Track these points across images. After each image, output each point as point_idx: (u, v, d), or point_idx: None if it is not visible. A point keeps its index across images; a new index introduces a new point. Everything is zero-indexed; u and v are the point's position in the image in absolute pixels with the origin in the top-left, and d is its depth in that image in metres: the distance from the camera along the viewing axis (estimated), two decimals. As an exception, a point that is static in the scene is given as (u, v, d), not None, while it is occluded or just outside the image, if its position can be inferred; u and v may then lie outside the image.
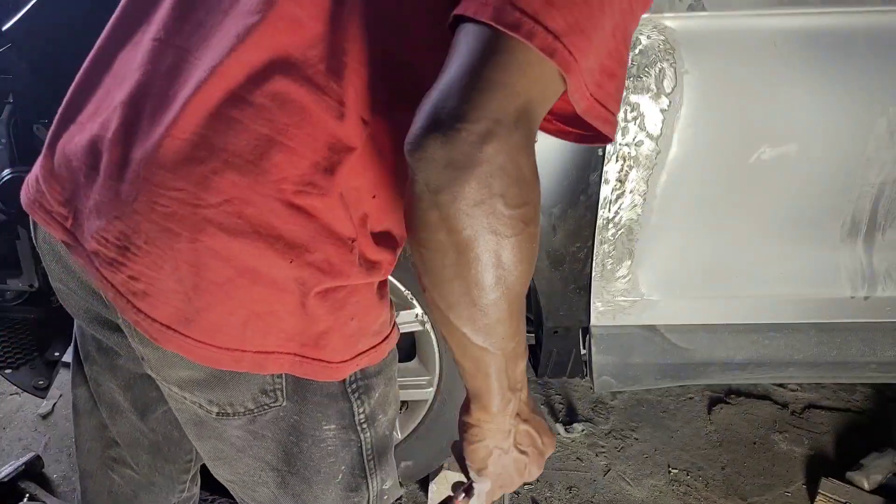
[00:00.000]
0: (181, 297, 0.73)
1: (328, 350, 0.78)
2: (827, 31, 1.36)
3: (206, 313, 0.73)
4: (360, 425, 0.86)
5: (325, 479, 0.87)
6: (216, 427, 0.83)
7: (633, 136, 1.40)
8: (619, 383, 1.67)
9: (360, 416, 0.85)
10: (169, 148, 0.72)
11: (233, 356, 0.75)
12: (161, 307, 0.73)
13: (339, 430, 0.85)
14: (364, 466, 0.90)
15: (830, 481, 1.93)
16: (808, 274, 1.57)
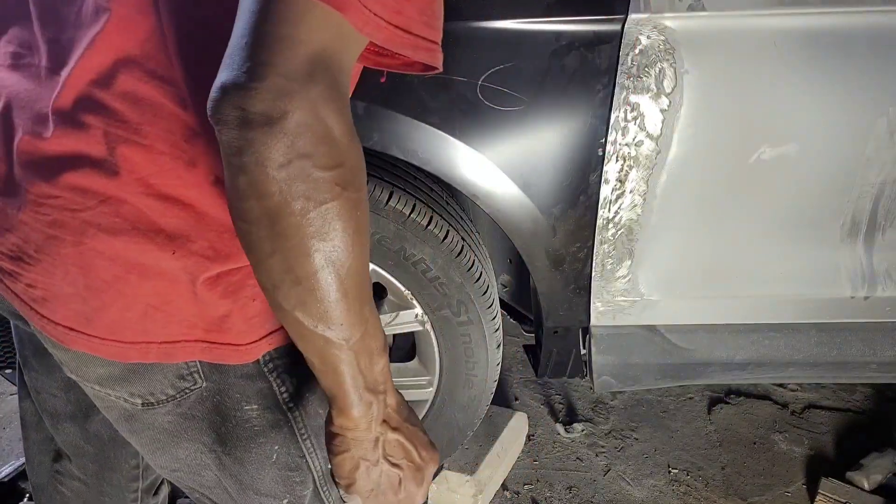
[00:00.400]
0: (77, 299, 0.74)
1: (233, 333, 0.77)
2: (827, 31, 1.36)
3: (103, 312, 0.74)
4: (286, 405, 0.85)
5: (259, 460, 0.86)
6: (145, 418, 0.83)
7: (633, 136, 1.40)
8: (619, 383, 1.67)
9: (283, 396, 0.84)
10: (42, 157, 0.73)
11: (138, 349, 0.75)
12: (61, 310, 0.74)
13: (262, 410, 0.84)
14: (300, 445, 0.88)
15: (830, 481, 1.93)
16: (808, 274, 1.57)
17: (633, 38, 1.34)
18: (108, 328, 0.75)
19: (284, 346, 0.83)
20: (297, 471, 0.89)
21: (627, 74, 1.35)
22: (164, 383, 0.80)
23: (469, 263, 1.53)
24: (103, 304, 0.74)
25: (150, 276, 0.73)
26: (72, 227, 0.72)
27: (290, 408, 0.85)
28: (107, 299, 0.74)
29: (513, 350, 2.45)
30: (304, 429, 0.88)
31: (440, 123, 1.35)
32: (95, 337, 0.75)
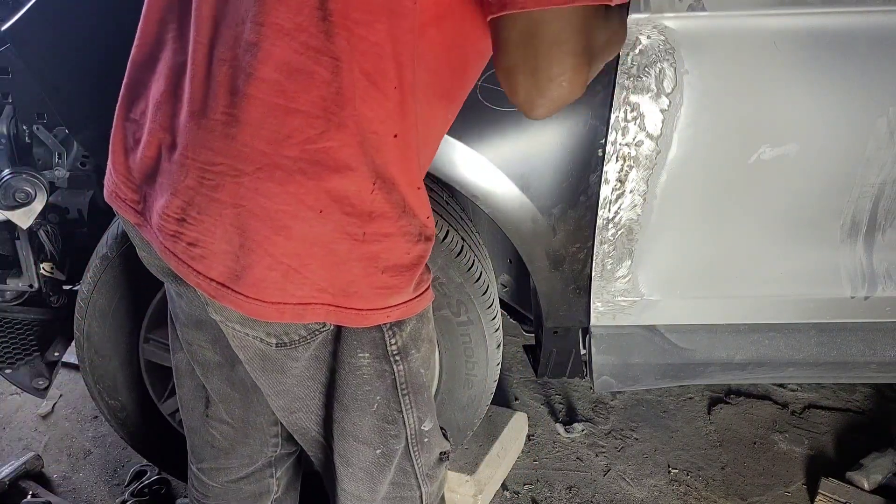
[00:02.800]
0: (231, 257, 0.84)
1: (357, 298, 0.87)
2: (827, 31, 1.36)
3: (250, 270, 0.84)
4: (393, 357, 0.94)
5: (362, 407, 0.96)
6: (277, 359, 0.93)
7: (633, 136, 1.40)
8: (619, 383, 1.67)
9: (392, 348, 0.93)
10: (206, 129, 0.83)
11: (276, 309, 0.85)
12: (216, 267, 0.85)
13: (372, 360, 0.93)
14: (399, 399, 0.97)
15: (830, 481, 1.93)
16: (808, 274, 1.57)
17: (633, 37, 1.33)
18: (253, 286, 0.84)
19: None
20: (393, 424, 0.98)
21: (627, 74, 1.35)
22: (298, 326, 0.90)
23: (469, 263, 1.53)
24: (251, 263, 0.83)
25: (295, 237, 0.82)
26: (232, 190, 0.82)
27: (396, 360, 0.94)
28: (255, 258, 0.83)
29: (513, 350, 2.45)
30: (405, 384, 0.97)
31: (440, 123, 1.35)
32: (241, 294, 0.85)
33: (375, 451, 1.00)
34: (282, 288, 0.84)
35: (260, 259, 0.83)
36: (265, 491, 1.29)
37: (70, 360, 1.93)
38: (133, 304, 1.58)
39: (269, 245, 0.83)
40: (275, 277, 0.84)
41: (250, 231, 0.82)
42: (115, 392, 1.69)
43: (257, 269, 0.83)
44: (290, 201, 0.81)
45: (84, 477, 2.07)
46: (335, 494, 1.08)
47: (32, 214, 1.50)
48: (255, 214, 0.82)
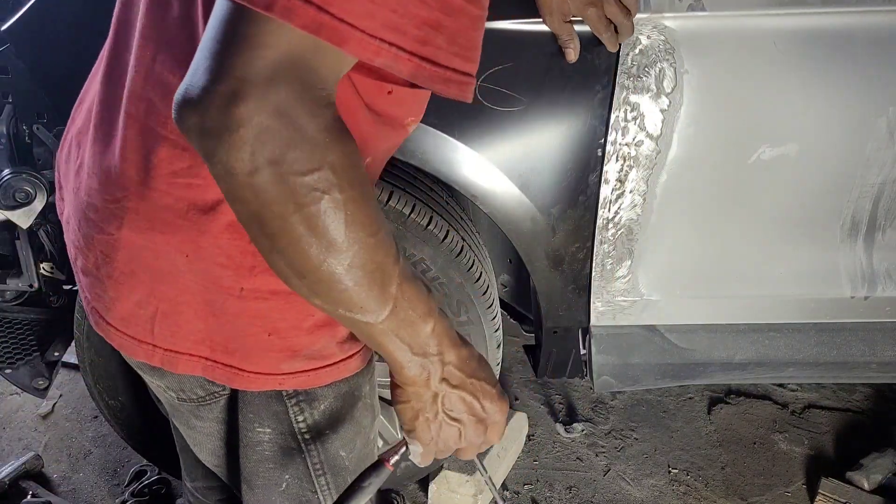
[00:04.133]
0: (100, 284, 0.76)
1: (240, 357, 0.75)
2: (827, 31, 1.36)
3: (119, 302, 0.76)
4: (302, 435, 0.82)
5: (266, 485, 0.84)
6: (183, 412, 0.86)
7: (633, 136, 1.40)
8: (619, 383, 1.67)
9: (299, 425, 0.81)
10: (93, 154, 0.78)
11: (144, 349, 0.76)
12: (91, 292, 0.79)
13: (275, 436, 0.81)
14: (313, 481, 0.85)
15: (830, 481, 1.93)
16: (808, 274, 1.57)
17: (633, 37, 1.33)
18: (121, 320, 0.76)
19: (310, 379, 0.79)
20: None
21: (627, 74, 1.35)
22: (193, 383, 0.81)
23: (469, 263, 1.53)
24: (119, 296, 0.75)
25: (164, 280, 0.73)
26: (104, 216, 0.74)
27: (306, 440, 0.82)
28: (123, 291, 0.75)
29: (513, 350, 2.45)
30: (319, 465, 0.85)
31: (439, 124, 1.35)
32: (111, 325, 0.77)
33: None
34: (150, 330, 0.76)
35: (128, 293, 0.75)
36: None
37: (70, 360, 1.93)
38: (133, 304, 1.58)
39: (136, 281, 0.74)
40: (143, 316, 0.75)
41: (117, 262, 0.74)
42: (115, 392, 1.69)
43: (126, 304, 0.76)
44: (155, 239, 0.72)
45: (84, 477, 2.07)
46: None
47: (32, 214, 1.50)
48: (121, 248, 0.73)
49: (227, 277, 0.72)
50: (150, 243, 0.72)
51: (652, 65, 1.35)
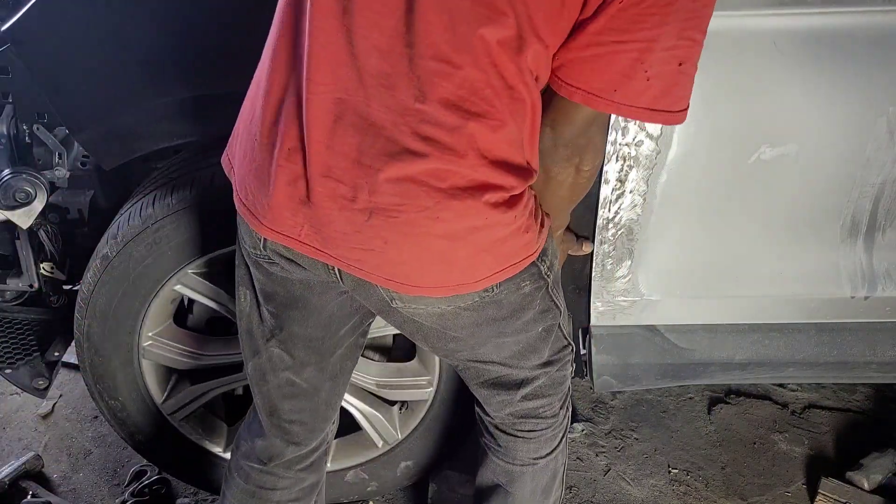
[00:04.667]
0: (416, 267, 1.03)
1: (514, 256, 1.08)
2: (827, 31, 1.36)
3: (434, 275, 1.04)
4: (545, 275, 1.16)
5: (528, 311, 1.17)
6: (452, 315, 1.12)
7: (633, 136, 1.40)
8: (619, 383, 1.67)
9: (544, 270, 1.16)
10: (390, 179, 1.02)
11: (455, 289, 1.06)
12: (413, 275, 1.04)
13: (532, 283, 1.14)
14: (550, 296, 1.20)
15: (830, 481, 1.93)
16: (808, 274, 1.57)
17: (633, 38, 1.33)
18: (435, 281, 1.05)
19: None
20: (549, 311, 1.22)
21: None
22: (473, 294, 1.08)
23: (469, 263, 1.53)
24: (436, 271, 1.04)
25: (469, 244, 1.02)
26: (415, 222, 0.99)
27: (547, 275, 1.17)
28: (436, 268, 1.04)
29: (513, 350, 2.45)
30: (553, 285, 1.20)
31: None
32: (429, 286, 1.05)
33: (538, 330, 1.22)
34: (460, 278, 1.05)
35: (443, 266, 1.04)
36: (320, 479, 1.44)
37: (70, 360, 1.93)
38: (133, 304, 1.58)
39: (451, 255, 1.02)
40: (455, 275, 1.05)
41: (434, 248, 1.01)
42: (115, 392, 1.69)
43: (442, 273, 1.04)
44: (465, 220, 1.00)
45: (84, 477, 2.07)
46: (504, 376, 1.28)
47: (32, 214, 1.50)
48: (438, 236, 1.00)
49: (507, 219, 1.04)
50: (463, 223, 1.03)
51: (652, 65, 1.35)
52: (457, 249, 1.02)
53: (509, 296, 1.13)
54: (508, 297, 1.13)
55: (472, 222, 1.00)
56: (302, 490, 1.40)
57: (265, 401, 1.32)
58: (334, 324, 1.24)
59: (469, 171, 0.97)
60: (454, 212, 0.99)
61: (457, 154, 0.96)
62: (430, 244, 1.01)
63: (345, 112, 0.97)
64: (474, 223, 1.01)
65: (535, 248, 1.11)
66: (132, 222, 1.51)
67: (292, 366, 1.26)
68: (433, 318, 1.14)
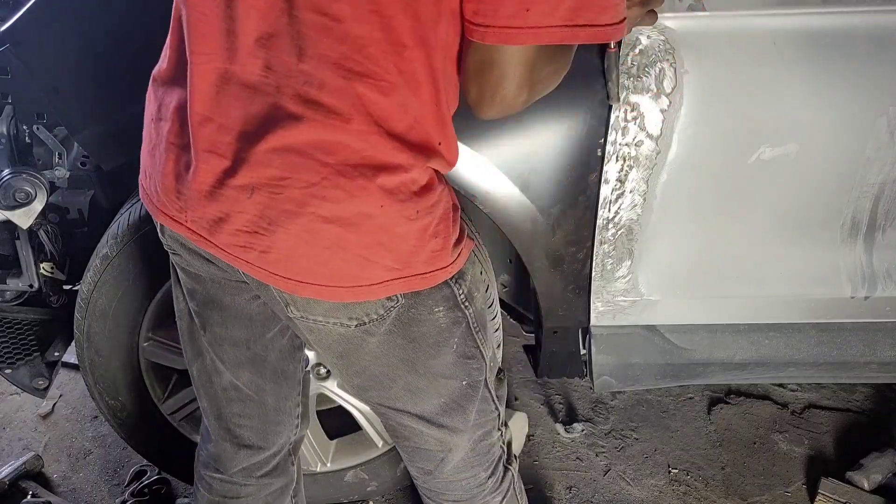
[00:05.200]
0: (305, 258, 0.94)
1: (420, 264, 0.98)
2: (827, 31, 1.36)
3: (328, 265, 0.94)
4: (463, 304, 1.06)
5: (444, 350, 1.07)
6: (356, 337, 1.03)
7: (633, 136, 1.40)
8: (619, 383, 1.67)
9: (461, 297, 1.06)
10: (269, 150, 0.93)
11: (352, 291, 0.96)
12: (292, 267, 0.95)
13: (447, 311, 1.05)
14: (474, 337, 1.10)
15: (830, 481, 1.93)
16: (808, 274, 1.57)
17: (634, 37, 1.33)
18: (331, 278, 0.95)
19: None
20: (473, 359, 1.12)
21: (627, 74, 1.35)
22: (376, 305, 0.99)
23: (469, 263, 1.53)
24: (327, 260, 0.93)
25: (363, 232, 0.92)
26: (300, 200, 0.91)
27: (466, 306, 1.07)
28: (330, 255, 0.93)
29: (513, 350, 2.45)
30: (475, 324, 1.10)
31: (440, 123, 1.35)
32: (321, 285, 0.95)
33: (462, 383, 1.12)
34: (356, 275, 0.95)
35: (335, 255, 0.93)
36: (289, 481, 1.37)
37: (70, 360, 1.93)
38: (133, 304, 1.58)
39: (344, 242, 0.92)
40: (351, 269, 0.95)
41: (321, 232, 0.92)
42: (115, 392, 1.69)
43: (334, 264, 0.94)
44: (356, 203, 0.90)
45: (84, 477, 2.07)
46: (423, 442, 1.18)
47: (32, 214, 1.50)
48: (325, 219, 0.91)
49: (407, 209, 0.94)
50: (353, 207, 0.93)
51: (652, 65, 1.35)
52: (348, 238, 0.92)
53: (420, 323, 1.03)
54: (419, 326, 1.03)
55: (365, 208, 0.91)
56: (271, 495, 1.34)
57: (211, 404, 1.26)
58: (256, 326, 1.16)
59: (359, 143, 0.89)
60: (343, 191, 0.90)
61: (341, 117, 0.88)
62: (319, 229, 0.92)
63: (228, 82, 0.91)
64: (367, 209, 0.91)
65: (446, 262, 1.01)
66: (132, 222, 1.51)
67: (228, 369, 1.20)
68: (337, 341, 1.04)
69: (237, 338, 1.17)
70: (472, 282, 1.08)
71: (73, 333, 1.65)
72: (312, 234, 0.92)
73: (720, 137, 1.43)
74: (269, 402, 1.25)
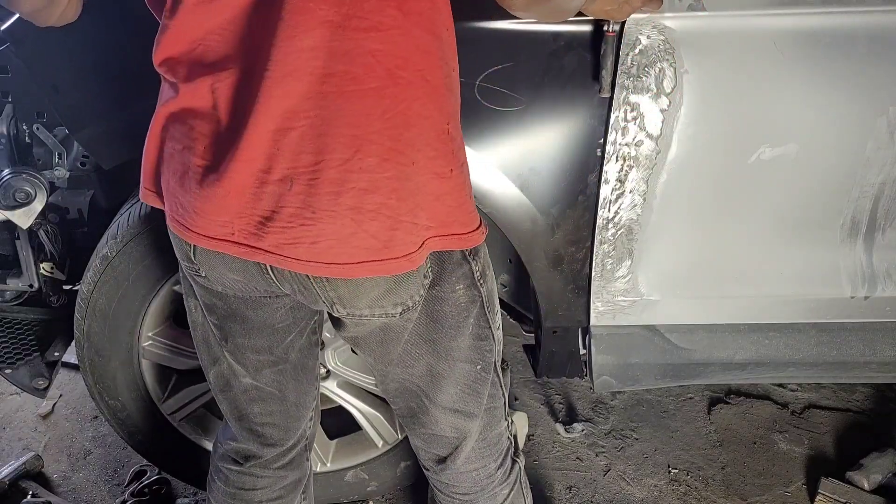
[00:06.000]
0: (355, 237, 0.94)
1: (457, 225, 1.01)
2: (827, 31, 1.36)
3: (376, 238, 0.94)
4: (478, 282, 1.10)
5: (463, 331, 1.10)
6: (397, 325, 1.07)
7: (633, 136, 1.40)
8: (619, 383, 1.67)
9: (476, 275, 1.09)
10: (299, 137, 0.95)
11: (407, 259, 0.97)
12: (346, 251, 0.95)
13: (465, 289, 1.08)
14: (486, 317, 1.13)
15: (830, 481, 1.93)
16: (808, 274, 1.57)
17: (633, 37, 1.33)
18: (383, 249, 0.95)
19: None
20: (486, 340, 1.15)
21: (627, 74, 1.35)
22: (416, 286, 1.03)
23: (469, 263, 1.53)
24: (376, 231, 0.94)
25: (403, 195, 0.94)
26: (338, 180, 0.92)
27: (481, 284, 1.10)
28: (376, 227, 0.94)
29: (513, 350, 2.45)
30: (488, 303, 1.13)
31: (440, 123, 1.35)
32: (375, 261, 0.95)
33: (476, 367, 1.15)
34: (405, 241, 0.96)
35: (383, 224, 0.94)
36: (302, 476, 1.40)
37: (70, 360, 1.93)
38: (133, 304, 1.58)
39: (386, 210, 0.93)
40: (400, 235, 0.95)
41: (365, 205, 0.93)
42: (115, 392, 1.69)
43: (384, 233, 0.95)
44: (389, 167, 0.92)
45: (84, 477, 2.07)
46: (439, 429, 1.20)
47: (32, 214, 1.50)
48: (365, 190, 0.92)
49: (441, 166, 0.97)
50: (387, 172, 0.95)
51: (652, 65, 1.35)
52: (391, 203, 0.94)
53: (443, 301, 1.07)
54: (442, 305, 1.07)
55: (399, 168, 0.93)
56: (284, 488, 1.37)
57: (232, 407, 1.28)
58: (279, 333, 1.18)
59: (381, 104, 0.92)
60: (376, 157, 0.92)
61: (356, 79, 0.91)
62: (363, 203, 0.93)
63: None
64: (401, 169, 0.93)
65: (476, 224, 1.05)
66: (132, 222, 1.51)
67: (249, 372, 1.22)
68: (380, 330, 1.08)
69: (260, 346, 1.18)
70: (485, 260, 1.12)
71: (73, 333, 1.65)
72: (357, 210, 0.93)
73: (720, 137, 1.43)
74: (291, 398, 1.27)
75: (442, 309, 1.08)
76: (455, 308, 1.09)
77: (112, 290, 1.56)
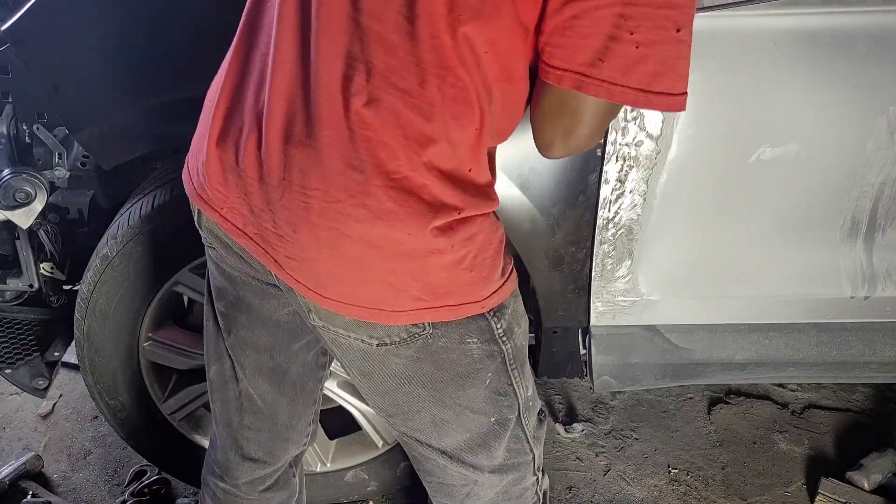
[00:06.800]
0: (326, 272, 0.91)
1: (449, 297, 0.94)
2: (827, 31, 1.36)
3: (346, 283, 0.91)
4: (500, 339, 1.01)
5: (475, 383, 1.02)
6: (378, 356, 0.99)
7: (633, 136, 1.40)
8: (619, 383, 1.67)
9: (498, 332, 1.00)
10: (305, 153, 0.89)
11: (371, 313, 0.93)
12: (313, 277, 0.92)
13: (481, 343, 1.00)
14: (509, 374, 1.04)
15: (830, 481, 1.93)
16: (808, 274, 1.57)
17: (633, 38, 1.33)
18: (349, 295, 0.92)
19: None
20: (506, 396, 1.06)
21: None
22: (398, 329, 0.96)
23: (469, 263, 1.53)
24: (349, 279, 0.91)
25: (388, 257, 0.89)
26: (325, 214, 0.88)
27: (504, 341, 1.02)
28: (350, 275, 0.91)
29: (513, 350, 2.45)
30: (513, 360, 1.04)
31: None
32: (341, 302, 0.92)
33: (490, 420, 1.06)
34: (378, 298, 0.92)
35: (354, 274, 0.91)
36: (291, 494, 1.35)
37: (70, 360, 1.93)
38: (133, 304, 1.58)
39: (365, 263, 0.90)
40: (373, 291, 0.91)
41: (344, 250, 0.89)
42: (115, 392, 1.69)
43: (356, 284, 0.91)
44: (381, 225, 0.87)
45: (84, 477, 2.07)
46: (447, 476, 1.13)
47: (32, 214, 1.50)
48: (349, 237, 0.88)
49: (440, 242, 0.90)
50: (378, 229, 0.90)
51: (652, 65, 1.35)
52: (372, 261, 0.89)
53: (449, 351, 0.98)
54: (448, 354, 0.98)
55: (391, 232, 0.88)
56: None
57: (223, 410, 1.24)
58: (283, 334, 1.14)
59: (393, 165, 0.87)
60: (369, 211, 0.87)
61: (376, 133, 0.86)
62: (342, 246, 0.89)
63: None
64: (393, 234, 0.88)
65: (482, 295, 0.96)
66: (132, 222, 1.51)
67: (246, 376, 1.18)
68: (359, 357, 1.01)
69: (261, 344, 1.15)
70: (513, 316, 1.03)
71: (73, 333, 1.66)
72: (335, 250, 0.90)
73: (720, 137, 1.43)
74: (281, 419, 1.23)
75: (448, 357, 1.00)
76: (465, 359, 1.01)
77: (112, 290, 1.56)
